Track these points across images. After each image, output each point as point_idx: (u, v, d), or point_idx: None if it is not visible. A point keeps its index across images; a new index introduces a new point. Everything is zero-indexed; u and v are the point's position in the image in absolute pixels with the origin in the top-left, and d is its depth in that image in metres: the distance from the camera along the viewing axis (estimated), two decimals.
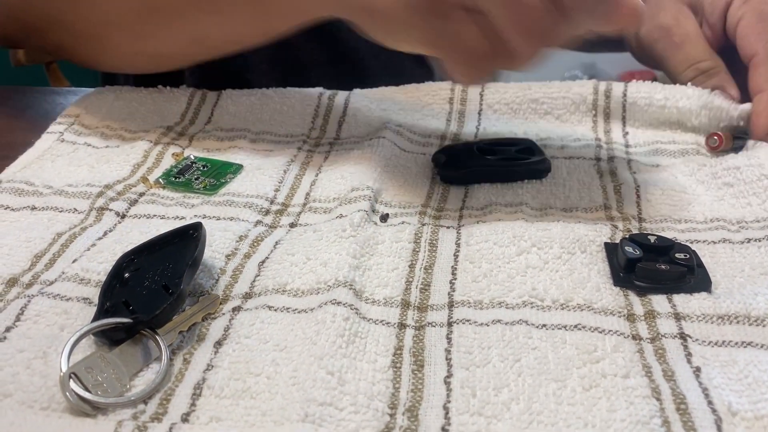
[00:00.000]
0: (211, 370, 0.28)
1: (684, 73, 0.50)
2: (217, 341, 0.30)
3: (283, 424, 0.25)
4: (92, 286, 0.33)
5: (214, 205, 0.40)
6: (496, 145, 0.44)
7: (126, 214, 0.40)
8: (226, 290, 0.34)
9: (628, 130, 0.48)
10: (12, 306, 0.32)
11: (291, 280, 0.34)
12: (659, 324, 0.31)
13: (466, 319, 0.31)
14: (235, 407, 0.27)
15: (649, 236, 0.35)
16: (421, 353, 0.30)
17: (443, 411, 0.27)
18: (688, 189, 0.40)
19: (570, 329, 0.30)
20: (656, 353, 0.29)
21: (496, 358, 0.29)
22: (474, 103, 0.51)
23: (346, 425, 0.26)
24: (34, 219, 0.39)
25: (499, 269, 0.34)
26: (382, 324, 0.31)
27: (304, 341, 0.29)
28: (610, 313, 0.31)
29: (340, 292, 0.32)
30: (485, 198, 0.40)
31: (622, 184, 0.41)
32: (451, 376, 0.28)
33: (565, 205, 0.39)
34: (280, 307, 0.32)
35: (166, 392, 0.28)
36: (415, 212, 0.39)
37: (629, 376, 0.28)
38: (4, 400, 0.27)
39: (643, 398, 0.27)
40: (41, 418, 0.26)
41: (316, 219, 0.39)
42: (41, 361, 0.29)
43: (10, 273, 0.35)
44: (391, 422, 0.26)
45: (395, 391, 0.28)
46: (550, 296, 0.32)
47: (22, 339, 0.30)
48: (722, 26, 0.51)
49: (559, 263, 0.34)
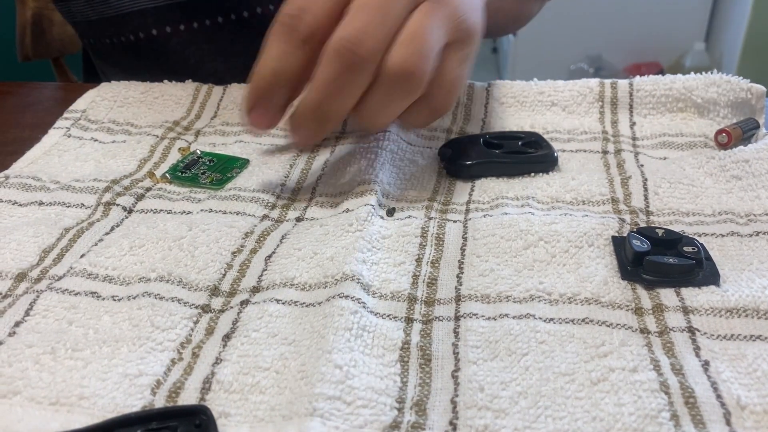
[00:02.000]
0: (219, 364, 0.28)
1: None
2: (226, 335, 0.30)
3: (292, 419, 0.25)
4: (100, 280, 0.33)
5: (220, 200, 0.40)
6: (503, 139, 0.44)
7: (133, 209, 0.40)
8: (233, 284, 0.34)
9: (635, 120, 0.48)
10: (21, 301, 0.32)
11: (298, 274, 0.34)
12: (667, 318, 0.31)
13: (474, 314, 0.31)
14: (245, 402, 0.27)
15: (656, 229, 0.34)
16: (429, 348, 0.30)
17: (451, 405, 0.27)
18: (696, 182, 0.40)
19: (577, 323, 0.30)
20: (664, 347, 0.29)
21: (504, 352, 0.29)
22: (480, 97, 0.51)
23: (354, 420, 0.26)
24: (42, 214, 0.39)
25: (506, 263, 0.34)
26: (390, 318, 0.31)
27: (312, 335, 0.29)
28: (617, 306, 0.31)
29: (347, 285, 0.32)
30: (492, 192, 0.40)
31: (629, 177, 0.41)
32: (458, 370, 0.28)
33: (572, 198, 0.39)
34: (288, 300, 0.32)
35: (176, 385, 0.28)
36: (422, 206, 0.39)
37: (637, 370, 0.28)
38: (14, 397, 0.27)
39: (651, 392, 0.26)
40: (50, 413, 0.26)
41: (323, 213, 0.39)
42: (50, 356, 0.29)
43: (18, 268, 0.35)
44: (399, 417, 0.26)
45: (403, 385, 0.28)
46: (557, 290, 0.32)
47: (31, 334, 0.30)
48: None
49: (567, 257, 0.34)
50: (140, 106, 0.51)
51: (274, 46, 0.37)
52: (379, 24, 0.35)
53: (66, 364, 0.28)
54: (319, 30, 0.36)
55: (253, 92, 0.38)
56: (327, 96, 0.36)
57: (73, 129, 0.48)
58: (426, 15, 0.36)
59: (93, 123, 0.49)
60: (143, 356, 0.29)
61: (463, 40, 0.39)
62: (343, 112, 0.37)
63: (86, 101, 0.52)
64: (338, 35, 0.35)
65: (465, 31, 0.38)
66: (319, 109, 0.37)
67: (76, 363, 0.29)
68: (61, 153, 0.45)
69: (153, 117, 0.50)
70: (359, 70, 0.35)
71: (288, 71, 0.37)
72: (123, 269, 0.34)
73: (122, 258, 0.35)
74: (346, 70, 0.35)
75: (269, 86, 0.38)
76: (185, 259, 0.35)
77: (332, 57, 0.35)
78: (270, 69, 0.37)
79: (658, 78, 0.49)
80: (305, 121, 0.38)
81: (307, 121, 0.37)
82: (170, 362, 0.29)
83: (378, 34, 0.35)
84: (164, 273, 0.34)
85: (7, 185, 0.41)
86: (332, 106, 0.37)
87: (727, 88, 0.46)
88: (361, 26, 0.35)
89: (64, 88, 0.60)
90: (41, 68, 1.38)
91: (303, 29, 0.36)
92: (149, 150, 0.46)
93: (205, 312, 0.32)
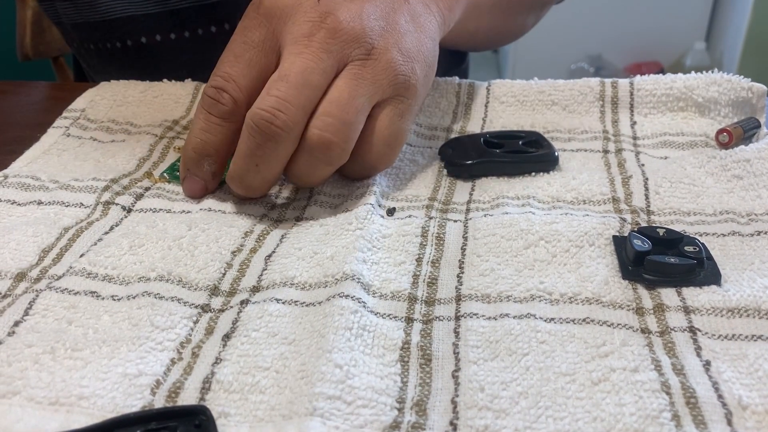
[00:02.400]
0: (219, 363, 0.28)
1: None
2: (226, 334, 0.30)
3: (291, 419, 0.25)
4: (99, 280, 0.33)
5: (219, 200, 0.40)
6: (503, 138, 0.44)
7: (132, 208, 0.40)
8: (233, 284, 0.34)
9: (636, 119, 0.48)
10: (21, 300, 0.32)
11: (298, 273, 0.34)
12: (668, 317, 0.30)
13: (474, 313, 0.31)
14: (244, 402, 0.27)
15: (657, 229, 0.34)
16: (429, 347, 0.29)
17: (451, 405, 0.26)
18: (697, 181, 0.40)
19: (578, 323, 0.30)
20: (665, 347, 0.29)
21: (504, 352, 0.29)
22: (481, 96, 0.50)
23: (354, 420, 0.26)
24: (41, 213, 0.39)
25: (506, 263, 0.34)
26: (390, 318, 0.31)
27: (312, 334, 0.29)
28: (618, 306, 0.31)
29: (347, 285, 0.32)
30: (493, 191, 0.40)
31: (630, 177, 0.41)
32: (459, 370, 0.28)
33: (573, 198, 0.39)
34: (288, 300, 0.32)
35: (175, 385, 0.28)
36: (422, 206, 0.39)
37: (638, 370, 0.27)
38: (13, 397, 0.27)
39: (652, 392, 0.26)
40: (49, 413, 0.26)
41: (322, 213, 0.39)
42: (49, 356, 0.29)
43: (18, 267, 0.35)
44: (399, 417, 0.26)
45: (403, 385, 0.28)
46: (558, 290, 0.32)
47: (30, 333, 0.30)
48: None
49: (567, 257, 0.34)
50: (139, 105, 0.51)
51: (200, 118, 0.38)
52: (296, 95, 0.35)
53: (65, 363, 0.28)
54: (242, 102, 0.38)
55: (184, 163, 0.40)
56: (247, 168, 0.37)
57: (72, 128, 0.48)
58: (349, 80, 0.36)
59: (92, 122, 0.49)
60: (143, 356, 0.29)
61: (401, 93, 0.38)
62: (268, 180, 0.38)
63: (85, 100, 0.51)
64: (255, 108, 0.36)
65: (401, 84, 0.38)
66: (244, 180, 0.37)
67: (75, 363, 0.28)
68: (60, 152, 0.45)
69: (152, 116, 0.50)
70: (278, 141, 0.36)
71: (214, 143, 0.38)
72: (123, 269, 0.34)
73: (122, 257, 0.35)
74: (264, 142, 0.36)
75: (197, 157, 0.39)
76: (185, 259, 0.35)
77: (250, 130, 0.36)
78: (197, 141, 0.39)
79: (659, 77, 0.49)
80: (236, 189, 0.38)
81: (237, 189, 0.38)
82: (170, 362, 0.29)
83: (294, 106, 0.35)
84: (164, 272, 0.33)
85: (6, 185, 0.41)
86: (256, 176, 0.37)
87: (728, 87, 0.46)
88: (279, 98, 0.35)
89: (63, 88, 0.60)
90: (41, 68, 1.37)
91: (226, 102, 0.37)
92: (148, 149, 0.46)
93: (205, 311, 0.32)
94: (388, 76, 0.37)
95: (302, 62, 0.36)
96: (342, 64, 0.37)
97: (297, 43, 0.36)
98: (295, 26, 0.37)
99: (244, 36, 0.38)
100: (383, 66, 0.37)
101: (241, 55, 0.38)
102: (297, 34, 0.36)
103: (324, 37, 0.36)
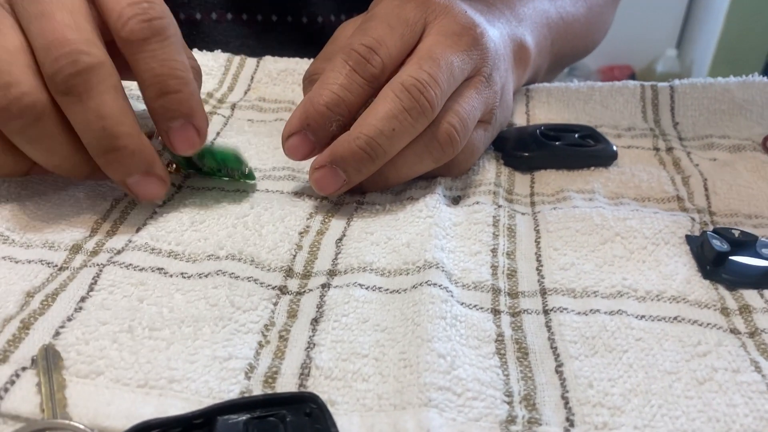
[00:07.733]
0: (313, 348, 0.27)
1: None
2: (314, 318, 0.29)
3: (405, 409, 0.24)
4: (164, 256, 0.32)
5: (275, 180, 0.38)
6: (558, 131, 0.43)
7: (182, 184, 0.38)
8: (306, 266, 0.32)
9: (678, 120, 0.48)
10: (82, 274, 0.30)
11: (375, 259, 0.32)
12: (756, 319, 0.30)
13: (563, 308, 0.30)
14: (349, 390, 0.25)
15: (732, 230, 0.34)
16: (524, 341, 0.29)
17: (562, 401, 0.26)
18: (753, 185, 0.40)
19: (669, 321, 0.30)
20: (758, 348, 0.29)
21: (603, 348, 0.28)
22: (520, 96, 0.50)
23: (468, 412, 0.25)
24: (89, 187, 0.37)
25: (585, 258, 0.33)
26: (476, 309, 0.30)
27: (404, 322, 0.28)
28: (704, 306, 0.31)
29: (433, 273, 0.31)
30: (555, 184, 0.40)
31: (689, 177, 0.41)
32: (561, 365, 0.27)
33: (635, 194, 0.39)
34: (371, 286, 0.31)
35: (271, 370, 0.26)
36: (488, 191, 0.38)
37: (740, 371, 0.27)
38: (97, 378, 0.25)
39: (760, 394, 0.26)
40: (140, 396, 0.25)
41: (383, 199, 0.38)
42: (127, 335, 0.27)
43: (72, 239, 0.33)
44: (512, 411, 0.25)
45: (506, 378, 0.27)
46: (642, 287, 0.31)
47: (100, 310, 0.28)
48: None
49: (645, 254, 0.34)
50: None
51: (342, 74, 0.35)
52: (445, 81, 0.35)
53: (146, 344, 0.27)
54: (388, 70, 0.36)
55: (303, 116, 0.35)
56: (382, 130, 0.34)
57: None
58: (474, 92, 0.38)
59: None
60: (228, 338, 0.27)
61: (490, 121, 0.40)
62: (391, 152, 0.35)
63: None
64: (407, 75, 0.35)
65: (494, 115, 0.40)
66: (374, 142, 0.34)
67: (157, 343, 0.27)
68: None
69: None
70: (419, 114, 0.34)
71: (351, 103, 0.35)
72: (187, 245, 0.32)
73: (184, 233, 0.33)
74: (411, 107, 0.34)
75: (324, 114, 0.35)
76: (253, 238, 0.33)
77: (400, 93, 0.34)
78: (334, 97, 0.35)
79: (697, 80, 0.49)
80: (351, 155, 0.34)
81: (353, 155, 0.34)
82: (258, 345, 0.27)
83: (441, 90, 0.35)
84: (234, 251, 0.32)
85: None
86: (386, 143, 0.34)
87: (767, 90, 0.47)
88: (431, 75, 0.35)
89: None
90: None
91: (376, 64, 0.36)
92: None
93: (283, 293, 0.30)
94: (493, 103, 0.39)
95: (451, 55, 0.36)
96: (473, 72, 0.38)
97: (447, 37, 0.37)
98: (447, 21, 0.37)
99: (401, 10, 0.37)
100: (493, 93, 0.39)
101: (395, 28, 0.36)
102: (448, 29, 0.37)
103: (469, 42, 0.37)
